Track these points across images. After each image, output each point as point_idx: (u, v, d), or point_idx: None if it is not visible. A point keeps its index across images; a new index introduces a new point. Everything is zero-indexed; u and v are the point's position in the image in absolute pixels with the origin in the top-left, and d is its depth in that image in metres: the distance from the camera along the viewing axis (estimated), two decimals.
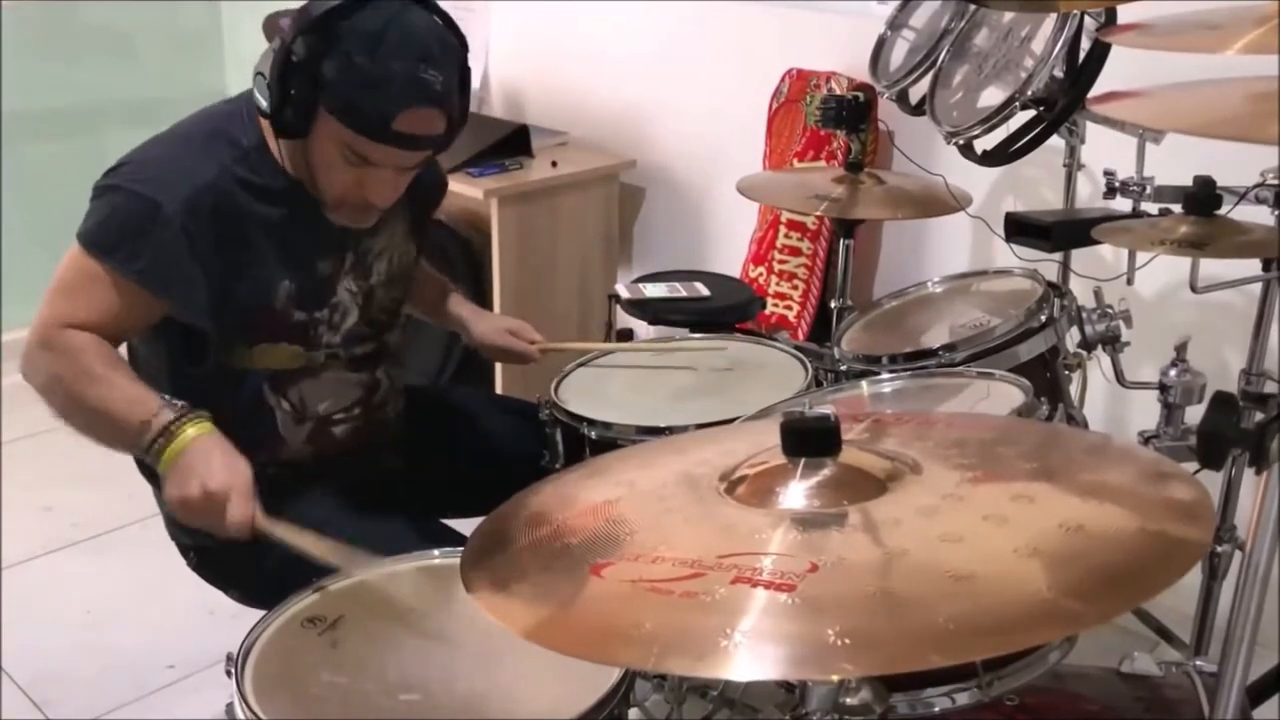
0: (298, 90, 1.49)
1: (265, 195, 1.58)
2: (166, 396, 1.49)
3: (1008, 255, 1.97)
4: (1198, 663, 1.44)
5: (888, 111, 2.39)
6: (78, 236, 1.54)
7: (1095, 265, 2.05)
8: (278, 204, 1.59)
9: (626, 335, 2.87)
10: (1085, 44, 1.82)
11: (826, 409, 1.04)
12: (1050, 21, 1.82)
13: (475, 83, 3.37)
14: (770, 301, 2.82)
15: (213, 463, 1.43)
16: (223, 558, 1.72)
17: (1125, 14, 1.78)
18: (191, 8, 4.00)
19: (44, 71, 3.66)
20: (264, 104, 1.52)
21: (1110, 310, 1.90)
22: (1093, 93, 1.82)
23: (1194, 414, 1.76)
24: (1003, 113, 1.83)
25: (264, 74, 1.51)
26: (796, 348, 1.97)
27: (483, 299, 3.09)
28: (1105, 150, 1.91)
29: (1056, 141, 1.98)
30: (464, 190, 2.84)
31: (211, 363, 1.61)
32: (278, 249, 1.59)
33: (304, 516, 1.64)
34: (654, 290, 2.54)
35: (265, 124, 1.58)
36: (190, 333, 1.58)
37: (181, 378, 1.62)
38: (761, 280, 2.85)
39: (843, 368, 1.88)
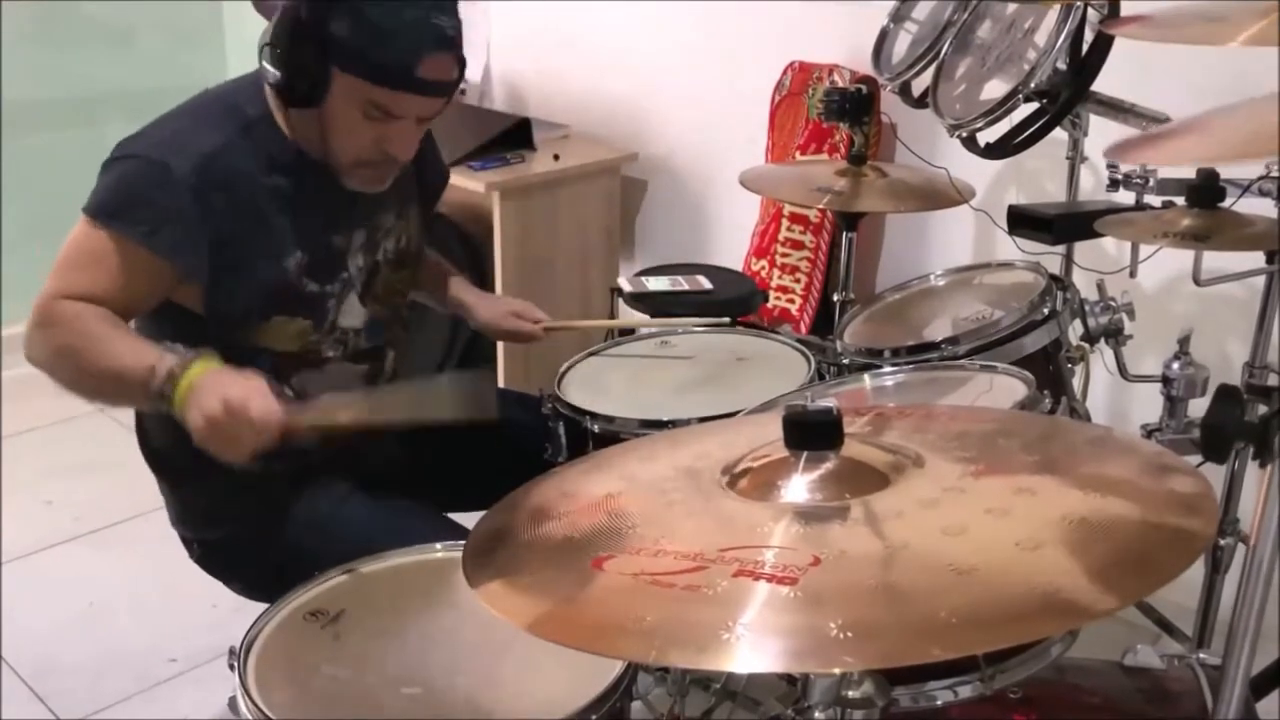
0: (311, 54, 1.48)
1: (273, 165, 1.57)
2: (168, 343, 1.48)
3: (1010, 248, 1.96)
4: (1201, 655, 1.44)
5: (890, 104, 2.39)
6: (84, 210, 1.53)
7: (1098, 258, 2.04)
8: (286, 175, 1.58)
9: (628, 329, 2.87)
10: (1088, 36, 1.82)
11: (829, 402, 1.04)
12: (1053, 14, 1.82)
13: (477, 76, 3.40)
14: (772, 294, 2.82)
15: (225, 379, 1.43)
16: (225, 550, 1.72)
17: (1128, 6, 1.77)
18: None
19: (44, 62, 3.64)
20: (275, 75, 1.51)
21: (1113, 303, 1.89)
22: (1095, 85, 1.82)
23: (1197, 407, 1.77)
24: (1006, 105, 1.83)
25: (271, 44, 1.50)
26: (799, 341, 1.97)
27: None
28: (1108, 142, 1.89)
29: (1059, 134, 1.98)
30: (466, 184, 2.84)
31: (214, 343, 1.60)
32: (288, 219, 1.59)
33: (312, 507, 1.65)
34: (656, 283, 2.54)
35: (272, 95, 1.58)
36: (192, 317, 1.58)
37: None
38: (764, 273, 2.85)
39: (845, 361, 1.88)
